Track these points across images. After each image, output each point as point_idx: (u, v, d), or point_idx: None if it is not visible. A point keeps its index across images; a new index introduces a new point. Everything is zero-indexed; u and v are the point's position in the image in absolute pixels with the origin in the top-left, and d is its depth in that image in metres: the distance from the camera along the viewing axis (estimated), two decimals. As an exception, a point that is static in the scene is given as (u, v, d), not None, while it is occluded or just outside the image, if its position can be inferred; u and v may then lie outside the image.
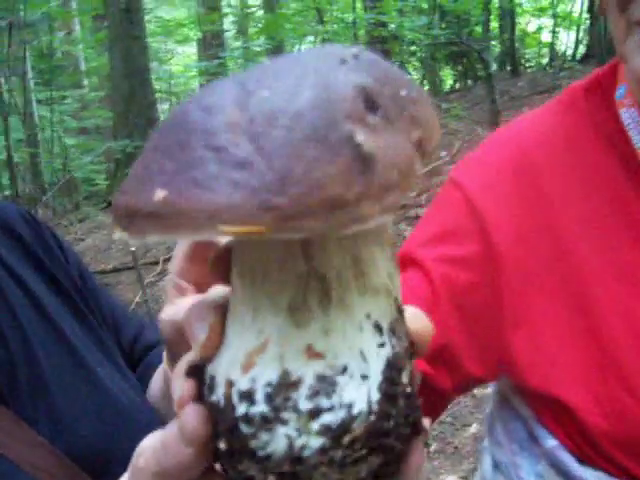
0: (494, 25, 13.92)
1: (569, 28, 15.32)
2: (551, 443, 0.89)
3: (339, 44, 0.38)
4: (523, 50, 15.44)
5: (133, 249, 4.15)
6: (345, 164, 0.30)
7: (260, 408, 0.39)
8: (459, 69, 14.32)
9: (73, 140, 10.72)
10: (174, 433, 0.42)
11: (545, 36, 15.99)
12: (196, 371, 0.43)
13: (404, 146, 0.33)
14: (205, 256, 0.46)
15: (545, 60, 15.11)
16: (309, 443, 0.38)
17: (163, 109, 11.84)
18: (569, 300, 0.87)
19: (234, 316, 0.42)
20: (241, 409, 0.39)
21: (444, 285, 0.87)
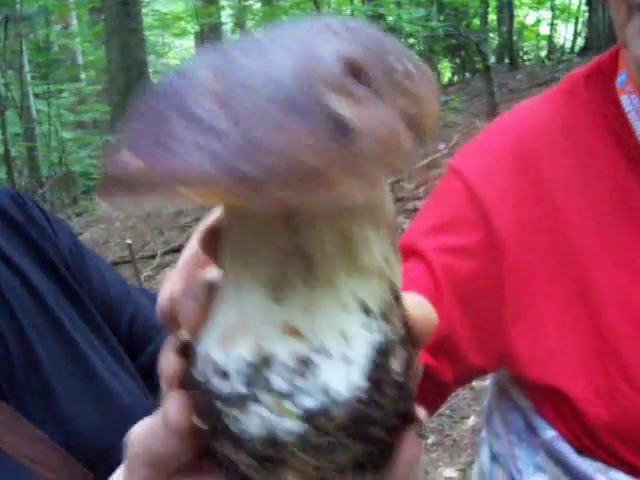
0: (492, 17, 13.92)
1: (567, 20, 15.33)
2: (550, 434, 0.88)
3: (337, 16, 0.37)
4: (521, 43, 15.44)
5: (129, 242, 4.15)
6: (320, 133, 0.29)
7: (234, 385, 0.38)
8: (457, 62, 14.32)
9: (70, 134, 10.71)
10: (160, 421, 0.41)
11: (543, 28, 16.00)
12: (185, 348, 0.42)
13: (391, 120, 0.31)
14: None
15: (543, 53, 15.11)
16: (284, 425, 0.37)
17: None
18: (569, 288, 0.86)
19: (220, 293, 0.41)
20: (217, 386, 0.38)
21: (446, 275, 0.85)
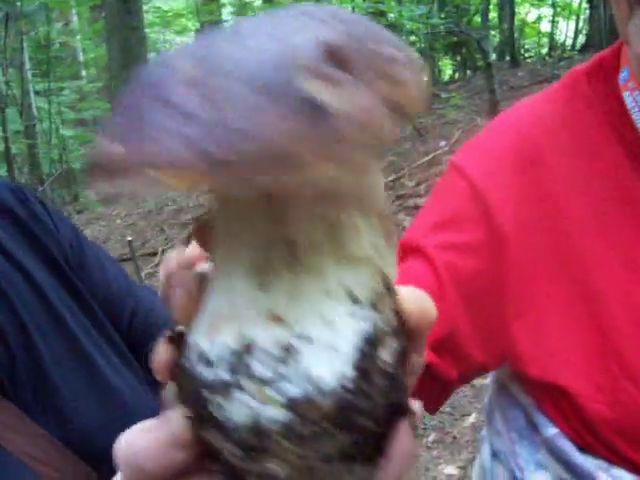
0: (493, 15, 13.89)
1: (568, 18, 15.30)
2: (551, 431, 0.88)
3: (322, 4, 0.37)
4: (522, 40, 15.41)
5: (130, 239, 4.15)
6: (295, 116, 0.29)
7: (218, 372, 0.38)
8: (458, 59, 14.30)
9: (71, 131, 10.70)
10: (160, 433, 0.40)
11: (544, 26, 15.97)
12: (177, 338, 0.42)
13: (371, 103, 0.32)
14: None
15: (544, 50, 15.09)
16: (267, 413, 0.37)
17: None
18: (571, 287, 0.86)
19: (210, 282, 0.41)
20: (202, 374, 0.38)
21: (448, 273, 0.85)
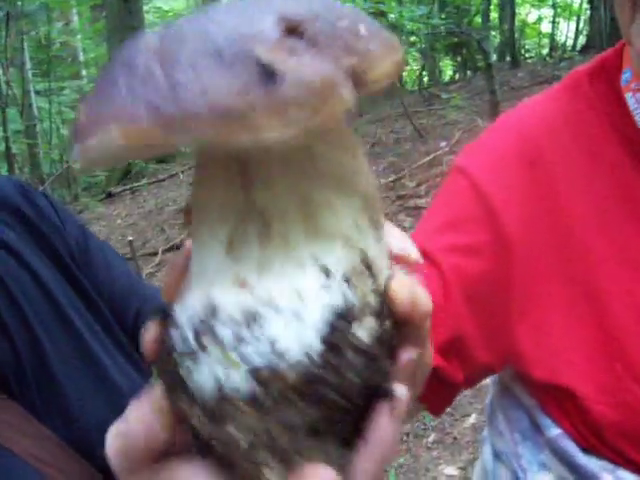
0: (494, 15, 13.89)
1: (569, 18, 15.30)
2: (555, 432, 0.88)
3: None
4: (523, 41, 15.41)
5: (130, 239, 4.15)
6: (243, 77, 0.32)
7: (184, 335, 0.39)
8: (459, 60, 14.29)
9: (72, 131, 10.69)
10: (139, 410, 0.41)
11: (545, 26, 15.97)
12: (164, 316, 0.43)
13: (326, 69, 0.34)
14: None
15: (545, 50, 15.09)
16: (230, 378, 0.37)
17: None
18: (573, 285, 0.86)
19: (192, 256, 0.42)
20: (173, 338, 0.39)
21: (455, 275, 0.85)
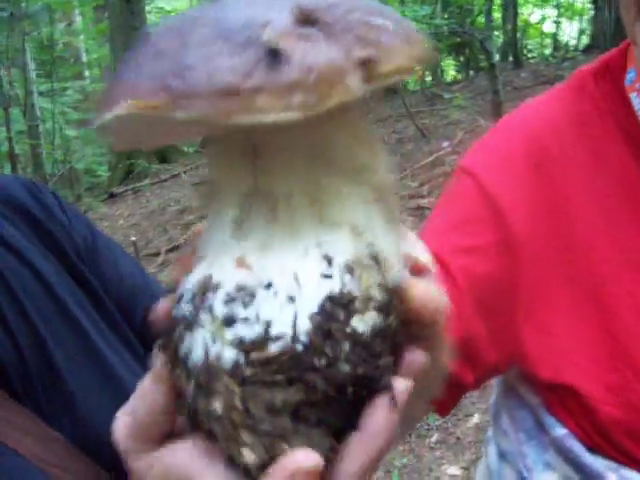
0: (497, 15, 13.89)
1: (572, 18, 15.30)
2: (560, 431, 0.88)
3: None
4: (526, 41, 15.41)
5: (134, 239, 4.15)
6: (247, 58, 0.34)
7: (184, 306, 0.40)
8: (461, 60, 14.30)
9: (74, 131, 10.72)
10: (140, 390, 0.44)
11: (548, 26, 15.97)
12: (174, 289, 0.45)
13: (335, 56, 0.35)
14: None
15: (548, 51, 15.08)
16: (222, 352, 0.38)
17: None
18: (580, 286, 0.85)
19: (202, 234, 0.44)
20: (175, 310, 0.41)
21: (463, 277, 0.84)
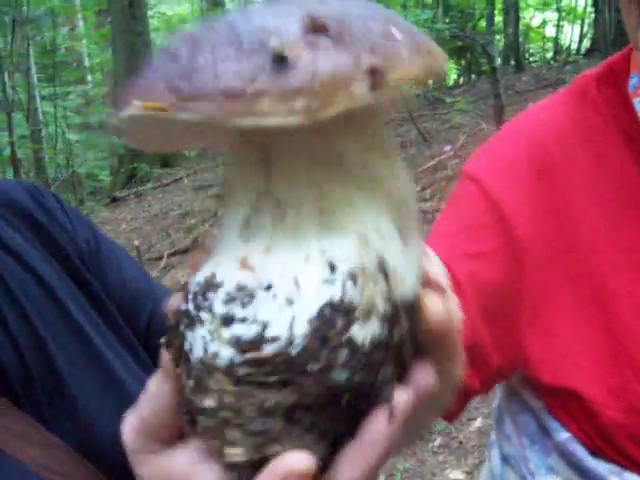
0: (498, 19, 13.90)
1: (573, 22, 15.30)
2: (563, 436, 0.88)
3: None
4: (527, 44, 15.41)
5: (137, 244, 4.16)
6: (253, 63, 0.35)
7: (188, 305, 0.41)
8: (463, 63, 14.30)
9: (77, 136, 10.74)
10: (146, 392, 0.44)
11: (549, 30, 15.97)
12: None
13: (341, 63, 0.35)
14: None
15: (549, 54, 15.08)
16: (219, 351, 0.39)
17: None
18: (582, 289, 0.86)
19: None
20: (180, 307, 0.42)
21: (469, 283, 0.84)
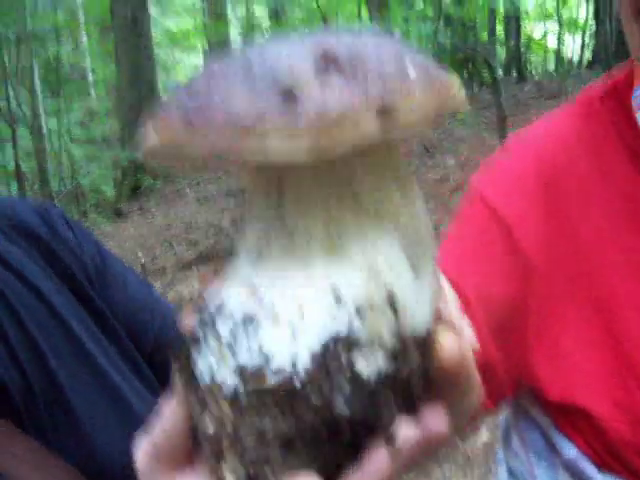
0: (500, 30, 13.93)
1: (575, 33, 15.33)
2: (572, 452, 0.88)
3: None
4: (529, 55, 15.44)
5: (142, 259, 4.16)
6: (264, 99, 0.36)
7: (196, 328, 0.42)
8: (465, 75, 14.32)
9: (80, 149, 10.77)
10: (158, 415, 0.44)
11: (551, 41, 16.00)
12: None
13: (349, 100, 0.36)
14: None
15: (551, 65, 15.11)
16: (224, 378, 0.40)
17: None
18: (587, 304, 0.86)
19: None
20: (191, 332, 0.43)
21: (479, 303, 0.83)
